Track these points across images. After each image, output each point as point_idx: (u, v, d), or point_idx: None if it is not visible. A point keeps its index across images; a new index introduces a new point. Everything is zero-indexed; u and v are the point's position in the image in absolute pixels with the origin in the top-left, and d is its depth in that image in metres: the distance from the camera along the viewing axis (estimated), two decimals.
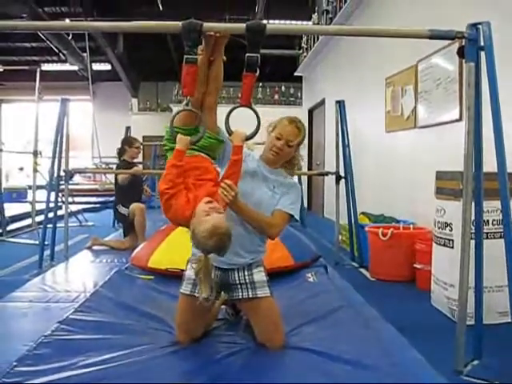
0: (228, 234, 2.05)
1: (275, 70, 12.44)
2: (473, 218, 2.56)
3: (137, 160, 6.12)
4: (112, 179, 6.70)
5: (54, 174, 5.08)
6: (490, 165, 2.48)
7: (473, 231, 2.58)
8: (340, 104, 5.32)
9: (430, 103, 5.03)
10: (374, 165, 6.80)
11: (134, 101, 16.58)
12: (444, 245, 3.59)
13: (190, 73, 2.27)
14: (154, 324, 2.67)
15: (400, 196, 5.81)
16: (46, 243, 5.01)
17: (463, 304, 2.53)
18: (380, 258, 4.71)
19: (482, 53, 2.42)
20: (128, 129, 12.04)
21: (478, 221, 2.60)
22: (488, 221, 3.26)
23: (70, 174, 5.30)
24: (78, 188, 12.52)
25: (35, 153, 8.27)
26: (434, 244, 3.77)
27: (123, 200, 5.54)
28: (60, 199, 5.52)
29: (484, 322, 2.64)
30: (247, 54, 2.29)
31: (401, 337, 2.56)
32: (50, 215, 5.13)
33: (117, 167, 6.10)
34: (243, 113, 2.42)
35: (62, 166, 5.03)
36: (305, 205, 9.56)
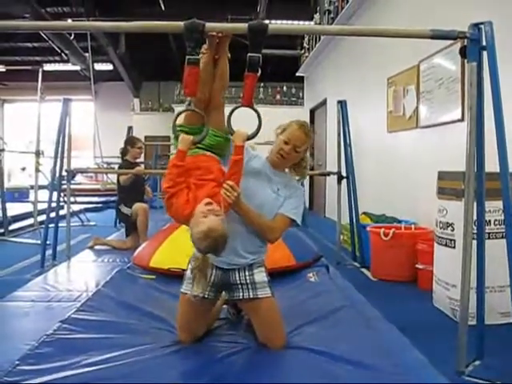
0: (223, 238, 2.05)
1: (277, 70, 12.46)
2: (475, 218, 2.55)
3: (139, 160, 6.11)
4: (114, 179, 6.70)
5: (56, 174, 5.08)
6: (492, 165, 2.47)
7: (475, 231, 2.57)
8: (342, 104, 5.32)
9: (432, 103, 5.02)
10: (376, 165, 6.79)
11: (136, 101, 16.60)
12: (446, 245, 3.59)
13: (192, 73, 2.26)
14: (156, 323, 2.67)
15: (401, 196, 5.81)
16: (48, 243, 5.02)
17: (465, 304, 2.52)
18: (381, 258, 4.71)
19: (484, 52, 2.42)
20: (130, 129, 12.08)
21: (480, 221, 2.60)
22: (490, 221, 3.26)
23: (72, 174, 5.31)
24: (80, 188, 12.53)
25: (37, 152, 8.30)
26: (436, 244, 3.77)
27: (126, 200, 5.54)
28: (62, 199, 5.53)
29: (486, 323, 2.64)
30: (249, 54, 2.28)
31: (402, 337, 2.55)
32: (52, 215, 5.14)
33: (119, 167, 6.11)
34: (245, 113, 2.42)
35: (64, 166, 5.04)
36: (306, 205, 9.56)
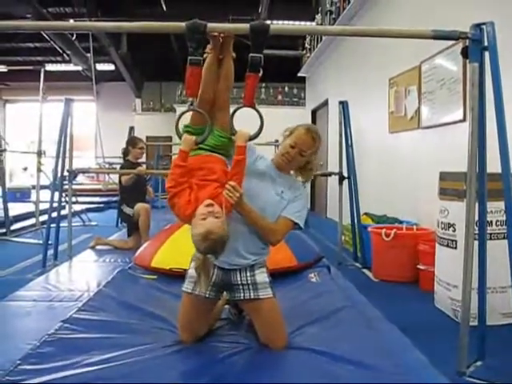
0: (221, 240, 2.06)
1: (278, 71, 12.45)
2: (476, 219, 2.55)
3: (140, 160, 6.11)
4: (115, 179, 6.71)
5: (58, 174, 5.09)
6: (494, 165, 2.47)
7: (476, 232, 2.57)
8: (343, 104, 5.32)
9: (434, 104, 5.02)
10: (377, 165, 6.79)
11: (138, 101, 16.61)
12: (447, 245, 3.59)
13: (194, 74, 2.27)
14: (158, 323, 2.68)
15: (403, 196, 5.81)
16: (50, 243, 5.02)
17: (466, 305, 2.52)
18: (383, 259, 4.70)
19: (486, 53, 2.42)
20: (132, 129, 12.06)
21: (482, 221, 2.60)
22: (491, 221, 3.25)
23: (74, 174, 5.31)
24: (82, 188, 12.54)
25: (39, 153, 8.30)
26: (437, 245, 3.77)
27: (128, 200, 5.55)
28: (63, 199, 5.53)
29: (487, 323, 2.63)
30: (250, 55, 2.28)
31: (404, 337, 2.55)
32: (54, 215, 5.14)
33: (121, 167, 6.11)
34: (247, 113, 2.43)
35: (66, 166, 5.05)
36: (308, 205, 9.56)
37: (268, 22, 2.50)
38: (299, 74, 12.48)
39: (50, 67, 14.30)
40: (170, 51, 13.47)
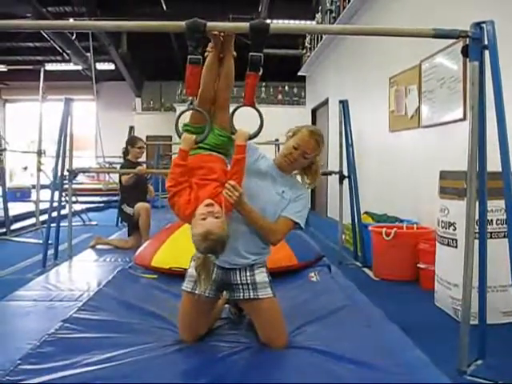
0: (221, 240, 2.06)
1: (279, 70, 12.45)
2: (477, 218, 2.55)
3: (141, 160, 6.11)
4: (116, 179, 6.70)
5: (58, 174, 5.09)
6: (494, 164, 2.47)
7: (477, 231, 2.57)
8: (343, 104, 5.32)
9: (434, 103, 5.02)
10: (378, 164, 6.79)
11: (138, 100, 16.59)
12: (448, 244, 3.58)
13: (194, 73, 2.27)
14: (158, 323, 2.68)
15: (403, 195, 5.80)
16: (50, 242, 5.02)
17: (467, 304, 2.52)
18: (383, 258, 4.70)
19: (486, 52, 2.41)
20: (131, 128, 12.06)
21: (482, 220, 2.60)
22: (492, 220, 3.25)
23: (74, 174, 5.30)
24: (82, 187, 12.54)
25: (39, 152, 8.30)
26: (438, 244, 3.76)
27: (128, 199, 5.54)
28: (64, 198, 5.53)
29: (488, 322, 2.63)
30: (250, 54, 2.27)
31: (404, 336, 2.54)
32: (54, 214, 5.14)
33: (121, 167, 6.11)
34: (247, 112, 2.42)
35: (66, 166, 5.04)
36: (308, 204, 9.55)
37: (268, 21, 2.50)
38: (299, 73, 12.46)
39: (50, 67, 14.30)
40: (170, 50, 13.46)
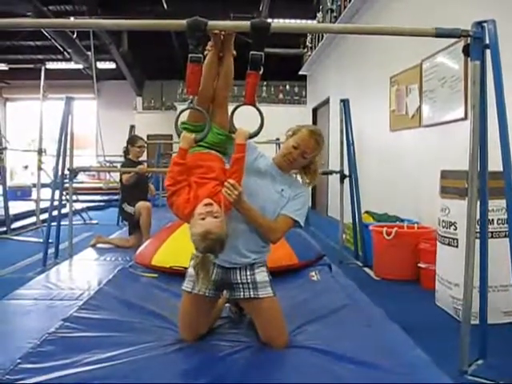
0: (220, 240, 2.06)
1: (280, 69, 12.43)
2: (478, 217, 2.55)
3: (141, 158, 6.10)
4: (116, 178, 6.70)
5: (59, 172, 5.09)
6: (495, 163, 2.46)
7: (478, 230, 2.57)
8: (344, 103, 5.31)
9: (435, 102, 5.01)
10: (379, 164, 6.79)
11: (139, 99, 16.58)
12: (448, 244, 3.58)
13: (194, 72, 2.27)
14: (158, 322, 2.67)
15: (404, 195, 5.80)
16: (51, 241, 5.02)
17: (468, 303, 2.52)
18: (384, 257, 4.70)
19: (488, 51, 2.41)
20: (132, 127, 12.06)
21: (483, 220, 2.59)
22: (493, 220, 3.24)
23: (75, 173, 5.30)
24: (83, 186, 12.54)
25: (40, 151, 8.30)
26: (439, 243, 3.76)
27: (128, 199, 5.54)
28: (64, 197, 5.53)
29: (488, 322, 2.63)
30: (251, 52, 2.28)
31: (405, 336, 2.54)
32: (55, 213, 5.14)
33: (122, 166, 6.11)
34: (248, 111, 2.42)
35: (67, 165, 5.04)
36: (309, 203, 9.57)
37: (269, 20, 2.50)
38: (300, 73, 12.47)
39: (51, 65, 14.29)
40: (171, 49, 13.45)
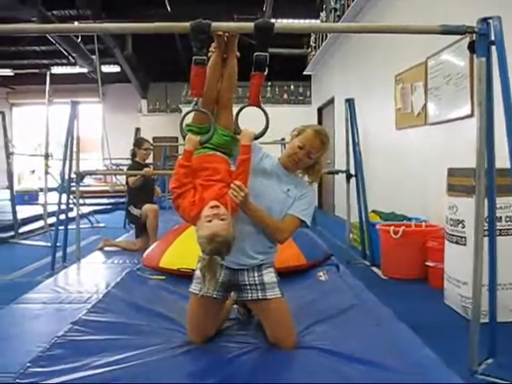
0: (227, 242, 2.06)
1: (284, 69, 12.42)
2: (485, 215, 2.53)
3: (148, 161, 6.11)
4: (123, 180, 6.71)
5: (65, 176, 5.10)
6: (503, 160, 2.45)
7: (486, 228, 2.55)
8: (350, 102, 5.30)
9: (441, 100, 4.99)
10: (385, 162, 6.77)
11: (144, 102, 16.60)
12: (456, 242, 3.56)
13: (199, 74, 2.27)
14: (167, 324, 2.68)
15: (411, 193, 5.78)
16: (58, 245, 5.03)
17: (477, 302, 2.50)
18: (392, 256, 4.68)
19: (493, 47, 2.39)
20: (138, 130, 12.08)
21: (491, 217, 2.57)
22: (501, 217, 3.22)
23: (81, 176, 5.32)
24: (89, 190, 12.57)
25: (46, 155, 8.33)
26: (447, 241, 3.74)
27: (135, 201, 5.55)
28: (71, 201, 5.54)
29: (498, 320, 2.62)
30: (255, 53, 2.27)
31: (414, 335, 2.53)
32: (62, 217, 5.15)
33: (128, 169, 6.12)
34: (252, 112, 2.42)
35: (73, 168, 5.06)
36: (315, 203, 9.56)
37: (272, 21, 2.49)
38: (305, 73, 12.45)
39: (56, 70, 14.33)
40: (175, 52, 13.46)
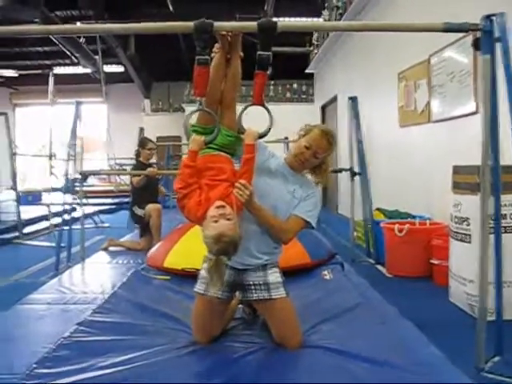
0: (233, 242, 2.05)
1: (286, 68, 12.41)
2: (491, 212, 2.52)
3: (151, 160, 6.11)
4: (127, 180, 6.72)
5: (69, 177, 5.11)
6: (507, 157, 2.44)
7: (491, 225, 2.54)
8: (353, 100, 5.29)
9: (444, 97, 4.98)
10: (388, 160, 6.75)
11: (147, 101, 16.60)
12: (461, 240, 3.55)
13: (202, 74, 2.26)
14: (172, 324, 2.68)
15: (415, 191, 5.76)
16: (63, 245, 5.04)
17: (483, 299, 2.49)
18: (396, 254, 4.68)
19: (498, 44, 2.38)
20: (142, 130, 12.08)
21: (497, 215, 2.56)
22: (506, 215, 3.21)
23: (85, 176, 5.32)
24: (93, 190, 12.58)
25: (50, 156, 8.35)
26: (451, 239, 3.73)
27: (139, 201, 5.55)
28: (75, 201, 5.55)
29: (504, 318, 2.61)
30: (258, 53, 2.26)
31: (420, 334, 2.52)
32: (66, 217, 5.16)
33: (132, 169, 6.12)
34: (256, 111, 2.41)
35: (77, 168, 5.06)
36: (319, 203, 9.54)
37: (275, 19, 2.49)
38: (307, 71, 12.44)
39: (59, 70, 14.35)
40: (178, 51, 13.45)
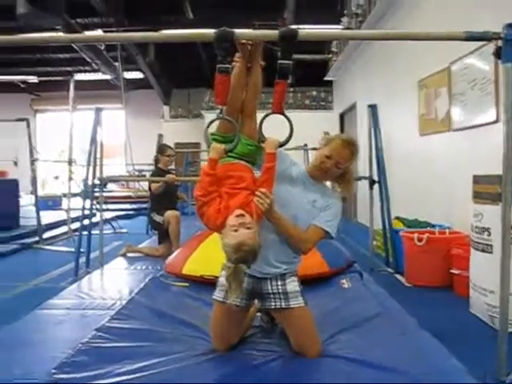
0: (253, 251, 2.05)
1: (306, 75, 12.42)
2: None
3: (170, 167, 6.14)
4: (145, 186, 6.75)
5: (89, 182, 5.15)
6: None
7: None
8: (373, 108, 5.27)
9: (465, 105, 4.93)
10: (408, 168, 6.70)
11: (166, 108, 16.72)
12: (482, 250, 3.51)
13: (223, 82, 2.27)
14: (190, 331, 2.68)
15: (435, 200, 5.71)
16: (82, 250, 5.08)
17: (504, 311, 2.46)
18: (415, 264, 4.64)
19: None
20: (160, 136, 12.16)
21: None
22: None
23: (104, 182, 5.36)
24: (112, 195, 12.68)
25: (70, 161, 8.44)
26: (472, 249, 3.69)
27: (157, 208, 5.57)
28: (94, 206, 5.59)
29: None
30: (279, 61, 2.27)
31: (440, 345, 2.49)
32: (85, 222, 5.20)
33: (151, 175, 6.16)
34: (276, 119, 2.41)
35: (97, 174, 5.10)
36: (339, 213, 9.49)
37: (296, 28, 2.49)
38: (326, 78, 12.43)
39: (79, 77, 14.53)
40: (198, 58, 13.54)
